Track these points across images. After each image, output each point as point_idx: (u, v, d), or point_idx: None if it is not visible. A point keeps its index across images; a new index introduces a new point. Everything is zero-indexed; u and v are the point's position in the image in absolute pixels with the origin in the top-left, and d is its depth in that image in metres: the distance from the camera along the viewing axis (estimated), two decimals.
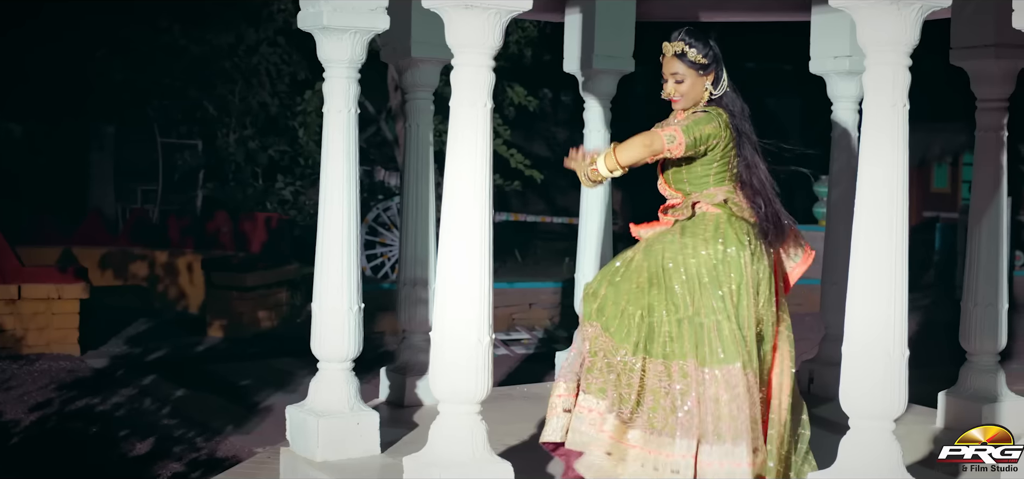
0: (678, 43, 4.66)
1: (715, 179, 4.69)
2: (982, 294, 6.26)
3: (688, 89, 4.67)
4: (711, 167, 4.67)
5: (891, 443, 4.49)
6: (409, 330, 6.81)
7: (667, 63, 4.69)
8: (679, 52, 4.66)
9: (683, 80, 4.67)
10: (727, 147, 4.66)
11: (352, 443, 5.52)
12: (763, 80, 19.51)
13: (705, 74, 4.67)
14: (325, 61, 5.51)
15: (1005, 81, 6.20)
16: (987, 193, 6.27)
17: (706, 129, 4.59)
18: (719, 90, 4.70)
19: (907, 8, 4.38)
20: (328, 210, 5.54)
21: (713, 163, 4.67)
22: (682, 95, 4.69)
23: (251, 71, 15.81)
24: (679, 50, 4.65)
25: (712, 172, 4.68)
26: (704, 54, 4.65)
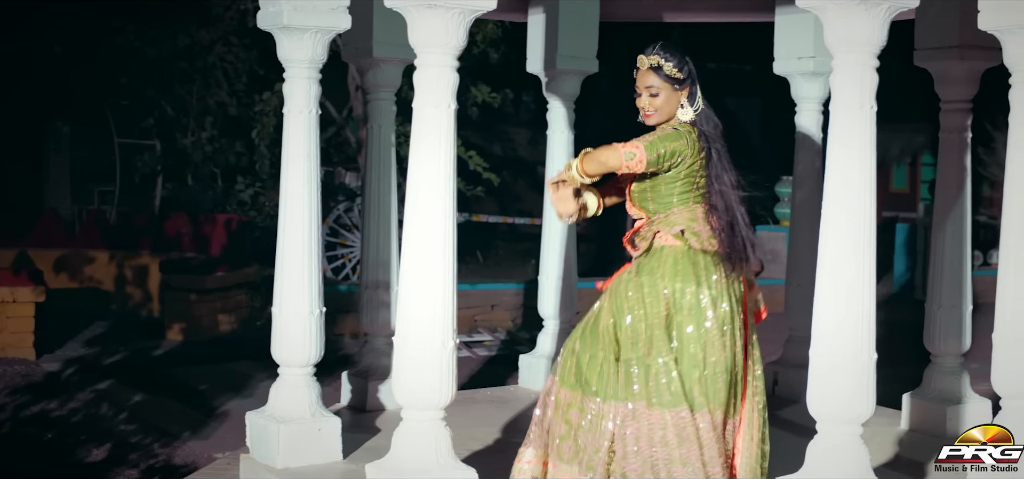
0: (654, 56, 4.57)
1: (680, 198, 4.56)
2: (946, 296, 6.25)
3: (662, 103, 4.58)
4: (676, 186, 4.55)
5: (859, 447, 4.46)
6: (371, 333, 6.73)
7: (642, 76, 4.59)
8: (655, 65, 4.56)
9: (658, 94, 4.57)
10: (694, 166, 4.53)
11: (313, 449, 5.44)
12: (723, 80, 19.54)
13: (680, 89, 4.58)
14: (285, 61, 5.42)
15: (969, 82, 6.19)
16: (951, 194, 6.26)
17: (670, 146, 4.49)
18: (694, 106, 4.62)
19: (875, 9, 4.35)
20: (289, 212, 5.45)
21: (677, 181, 4.54)
22: (656, 109, 4.59)
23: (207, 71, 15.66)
24: (655, 63, 4.56)
25: (676, 191, 4.55)
26: (679, 68, 4.56)
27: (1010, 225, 4.93)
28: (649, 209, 4.62)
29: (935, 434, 6.16)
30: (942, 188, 6.30)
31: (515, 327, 12.59)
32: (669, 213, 4.58)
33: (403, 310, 4.64)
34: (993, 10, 4.89)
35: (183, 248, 13.85)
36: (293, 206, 5.44)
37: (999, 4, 4.85)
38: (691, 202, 4.56)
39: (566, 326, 7.37)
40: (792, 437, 5.50)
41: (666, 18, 7.63)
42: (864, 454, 4.47)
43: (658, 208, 4.59)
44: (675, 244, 4.55)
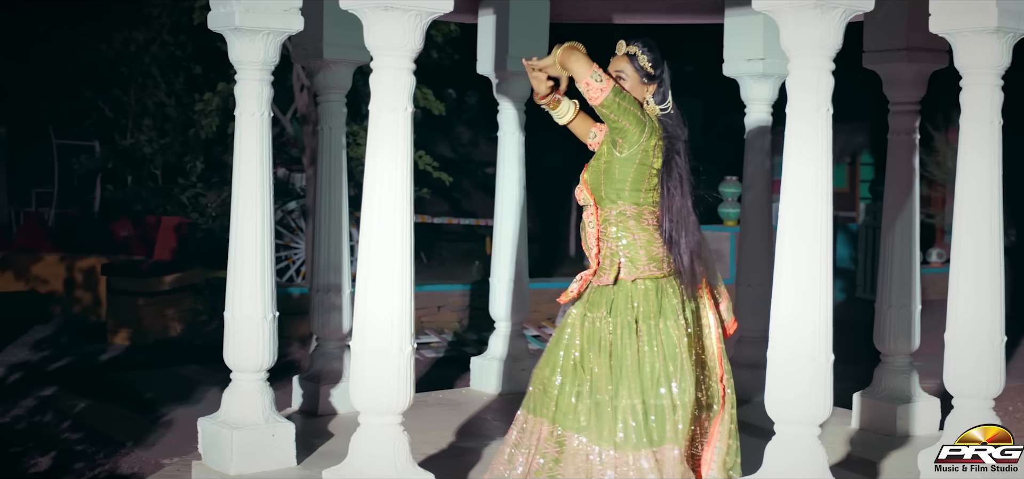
0: (633, 46, 4.61)
1: (631, 192, 4.55)
2: (896, 296, 6.31)
3: (629, 90, 4.58)
4: (629, 173, 4.54)
5: (817, 448, 4.49)
6: (322, 337, 6.68)
7: (616, 60, 4.63)
8: (631, 53, 4.60)
9: (625, 79, 4.59)
10: (648, 153, 4.54)
11: (267, 455, 5.38)
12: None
13: (648, 83, 4.60)
14: (237, 63, 5.36)
15: (917, 84, 6.26)
16: (900, 195, 6.32)
17: (632, 110, 4.45)
18: (661, 106, 4.62)
19: (830, 12, 4.38)
20: (241, 215, 5.39)
21: (631, 167, 4.53)
22: None
23: (145, 72, 15.47)
24: (631, 52, 4.60)
25: (629, 181, 4.54)
26: (653, 65, 4.59)
27: (962, 226, 4.97)
28: (600, 194, 4.60)
29: (885, 433, 6.23)
30: (891, 189, 6.36)
31: (462, 328, 12.55)
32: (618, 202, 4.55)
33: (360, 314, 4.60)
34: (944, 13, 4.94)
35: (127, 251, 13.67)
36: (246, 209, 5.38)
37: (950, 8, 4.90)
38: (642, 201, 4.56)
39: (517, 328, 7.36)
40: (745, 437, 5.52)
41: (616, 19, 7.65)
42: (822, 455, 4.49)
43: (609, 194, 4.56)
44: (639, 278, 4.53)
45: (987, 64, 4.88)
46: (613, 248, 4.57)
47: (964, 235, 4.97)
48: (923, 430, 6.23)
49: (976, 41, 4.85)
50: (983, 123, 4.92)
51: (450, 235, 18.90)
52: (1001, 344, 4.99)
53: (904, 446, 6.04)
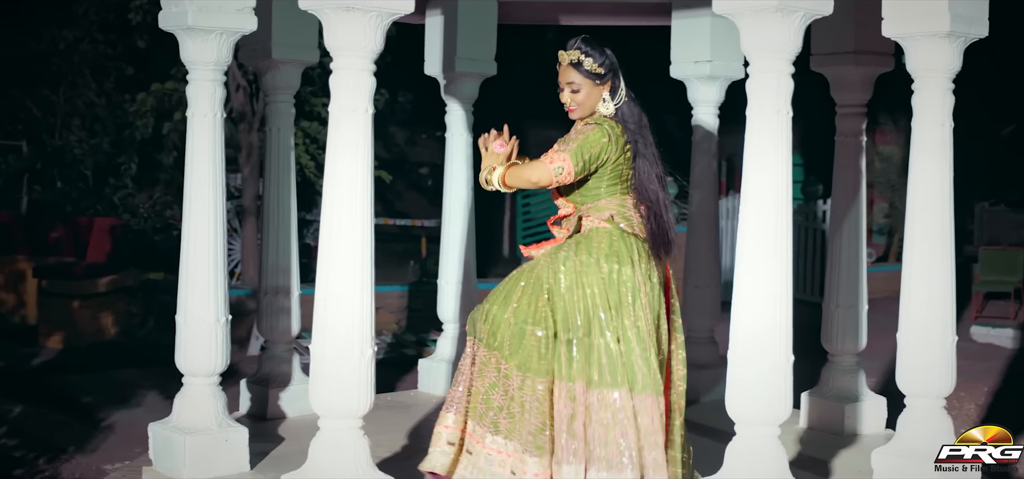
0: (574, 52, 4.59)
1: (607, 190, 4.61)
2: (843, 296, 6.37)
3: (584, 98, 4.60)
4: (603, 179, 4.59)
5: (777, 448, 4.53)
6: (271, 340, 6.60)
7: (563, 72, 4.62)
8: (575, 61, 4.58)
9: (579, 89, 4.59)
10: (619, 160, 4.58)
11: (221, 460, 5.31)
12: None
13: (601, 83, 4.61)
14: (189, 63, 5.29)
15: (864, 87, 6.33)
16: (846, 197, 6.39)
17: (594, 150, 4.51)
18: (617, 100, 4.64)
19: (791, 16, 4.42)
20: (194, 218, 5.32)
21: (604, 176, 4.59)
22: (579, 104, 4.62)
23: (75, 70, 15.21)
24: (575, 59, 4.58)
25: (604, 183, 4.60)
26: (600, 63, 4.59)
27: (914, 228, 5.04)
28: (577, 201, 4.66)
29: (834, 432, 6.29)
30: (838, 190, 6.43)
31: (400, 330, 12.50)
32: (598, 202, 4.61)
33: (320, 318, 4.56)
34: (897, 18, 5.00)
35: (59, 252, 13.44)
36: (199, 211, 5.31)
37: (903, 12, 4.97)
38: (619, 193, 4.61)
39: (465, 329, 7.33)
40: (697, 437, 5.57)
41: (563, 21, 7.66)
42: (782, 455, 4.54)
43: (585, 199, 4.63)
44: (607, 227, 4.57)
45: (939, 67, 4.95)
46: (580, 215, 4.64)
47: (917, 237, 5.04)
48: (871, 429, 6.30)
49: (928, 45, 4.93)
50: (935, 126, 4.99)
51: (385, 236, 18.81)
52: (952, 344, 5.06)
53: (853, 445, 6.10)
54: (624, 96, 4.65)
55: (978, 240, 16.45)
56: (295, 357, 6.61)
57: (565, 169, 4.48)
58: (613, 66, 4.62)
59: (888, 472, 5.05)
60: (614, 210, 4.61)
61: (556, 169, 4.49)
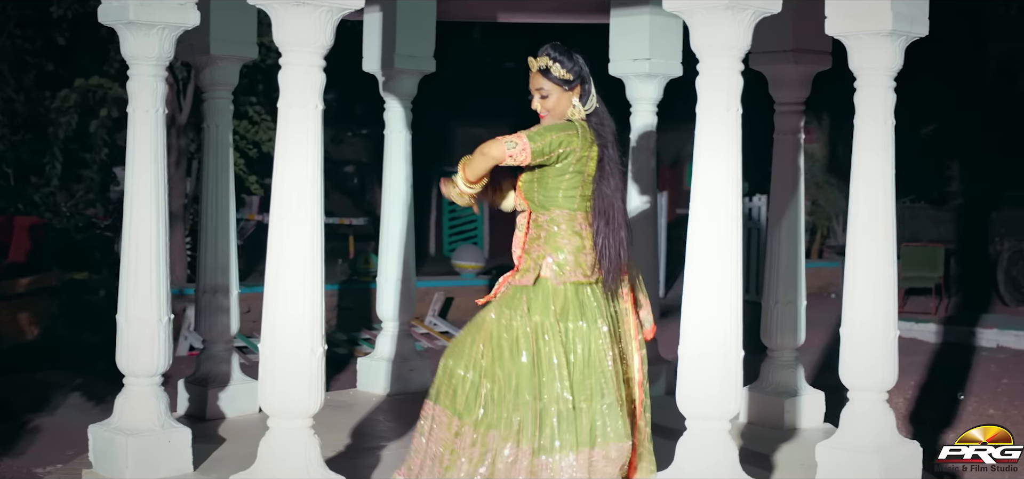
0: (543, 59, 4.56)
1: (565, 196, 4.55)
2: (782, 292, 6.44)
3: (553, 105, 4.57)
4: (563, 180, 4.53)
5: (728, 442, 4.56)
6: (209, 340, 6.52)
7: (533, 78, 4.58)
8: (544, 68, 4.55)
9: (548, 96, 4.56)
10: (583, 162, 4.53)
11: (164, 462, 5.23)
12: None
13: (570, 89, 4.58)
14: (130, 58, 5.20)
15: (802, 85, 6.40)
16: (785, 194, 6.46)
17: (557, 135, 4.47)
18: (587, 106, 4.62)
19: (741, 14, 4.45)
20: (135, 216, 5.22)
21: (565, 175, 4.53)
22: (548, 110, 4.58)
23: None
24: (544, 66, 4.55)
25: (563, 187, 4.54)
26: (569, 69, 4.56)
27: (856, 224, 5.11)
28: (534, 200, 4.60)
29: (774, 426, 6.35)
30: (777, 187, 6.49)
31: (331, 329, 12.42)
32: (551, 210, 4.55)
33: (269, 317, 4.50)
34: (840, 16, 5.06)
35: None
36: (140, 209, 5.22)
37: (846, 10, 5.03)
38: (576, 207, 4.55)
39: (405, 328, 7.31)
40: None
41: (501, 18, 7.65)
42: (733, 449, 4.57)
43: (543, 201, 4.57)
44: (561, 280, 4.52)
45: (881, 65, 5.01)
46: (540, 252, 4.56)
47: (859, 233, 5.10)
48: (810, 423, 6.38)
49: (871, 43, 4.98)
50: (878, 123, 5.05)
51: None
52: (894, 339, 5.13)
53: (793, 439, 6.17)
54: (595, 104, 4.63)
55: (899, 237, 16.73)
56: (234, 357, 6.54)
57: (520, 146, 4.41)
58: (582, 73, 4.60)
59: (832, 465, 5.10)
60: (571, 252, 4.53)
61: (509, 143, 4.42)
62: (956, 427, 8.37)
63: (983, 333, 12.17)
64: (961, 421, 8.56)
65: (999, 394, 9.57)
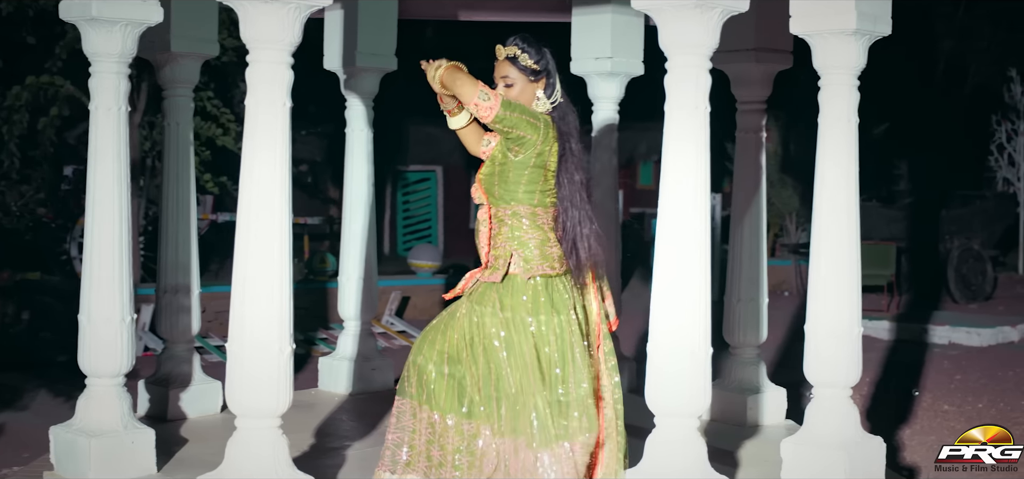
0: (511, 47, 4.54)
1: (526, 192, 4.50)
2: (744, 290, 6.48)
3: (518, 94, 4.53)
4: (524, 174, 4.49)
5: (697, 440, 4.58)
6: (170, 340, 6.47)
7: (499, 66, 4.55)
8: (511, 56, 4.53)
9: (513, 84, 4.53)
10: (543, 157, 4.49)
11: (127, 463, 5.19)
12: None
13: (536, 81, 4.55)
14: (92, 55, 5.15)
15: (764, 83, 6.45)
16: (748, 192, 6.49)
17: (521, 116, 4.39)
18: (552, 100, 4.60)
19: (709, 13, 4.47)
20: (98, 215, 5.17)
21: (526, 169, 4.48)
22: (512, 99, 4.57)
23: None
24: (511, 54, 4.52)
25: (524, 181, 4.49)
26: (536, 60, 4.53)
27: (820, 223, 5.14)
28: (495, 193, 4.54)
29: (736, 423, 6.39)
30: (739, 186, 6.53)
31: None
32: (512, 204, 4.52)
33: (237, 316, 4.47)
34: (804, 15, 5.09)
35: None
36: (103, 208, 5.17)
37: (810, 10, 5.06)
38: (536, 202, 4.52)
39: (367, 327, 7.28)
40: None
41: (462, 16, 7.64)
42: (702, 446, 4.59)
43: (503, 195, 4.50)
44: (530, 275, 4.51)
45: (845, 65, 5.05)
46: (505, 247, 4.54)
47: (823, 232, 5.13)
48: (772, 419, 6.43)
49: (835, 42, 5.02)
50: (841, 122, 5.09)
51: None
52: (858, 335, 5.18)
53: (757, 436, 6.22)
54: (559, 98, 4.61)
55: None
56: (195, 357, 6.49)
57: (491, 102, 4.34)
58: (549, 65, 4.57)
59: (797, 461, 5.13)
60: (537, 246, 4.51)
61: (483, 93, 4.35)
62: (912, 423, 8.46)
63: (935, 330, 12.31)
64: (916, 417, 8.64)
65: (953, 390, 9.68)
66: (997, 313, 13.90)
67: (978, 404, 9.12)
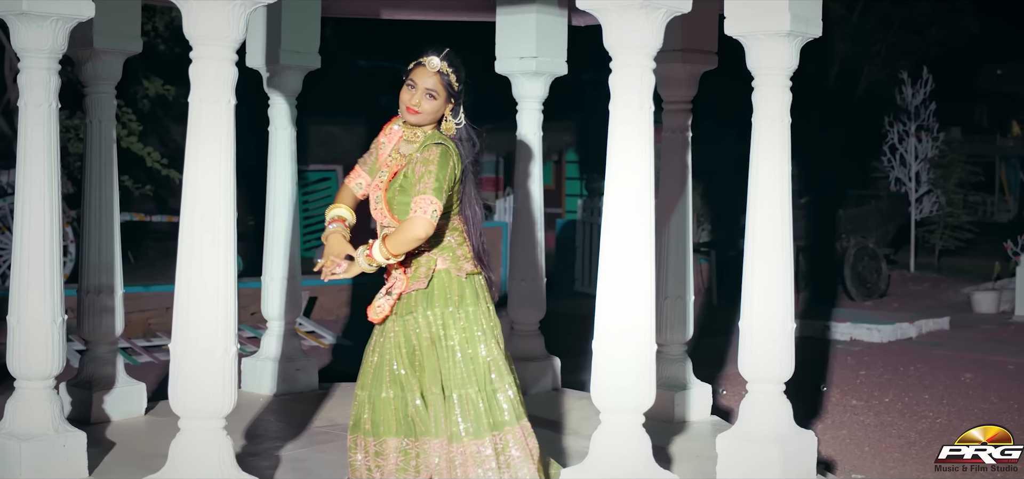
0: (444, 62, 4.45)
1: None
2: (672, 287, 6.56)
3: (435, 109, 4.45)
4: None
5: (642, 435, 4.63)
6: (93, 341, 6.34)
7: (425, 75, 4.45)
8: (444, 71, 4.46)
9: (436, 97, 4.48)
10: (453, 183, 4.47)
11: (58, 467, 5.08)
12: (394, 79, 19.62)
13: (451, 101, 4.51)
14: (22, 51, 5.03)
15: (690, 84, 6.53)
16: (674, 191, 6.58)
17: (450, 178, 4.39)
18: (457, 121, 4.57)
19: (653, 13, 4.53)
20: (27, 214, 5.06)
21: None
22: (426, 111, 4.46)
23: None
24: (444, 69, 4.45)
25: None
26: (460, 82, 4.50)
27: (755, 220, 5.22)
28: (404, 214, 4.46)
29: (664, 419, 6.45)
30: (666, 185, 6.61)
31: None
32: None
33: (181, 316, 4.41)
34: (739, 17, 5.17)
35: None
36: (32, 206, 5.06)
37: (745, 11, 5.14)
38: (450, 213, 4.51)
39: (290, 327, 7.21)
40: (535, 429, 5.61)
41: (384, 15, 7.61)
42: (646, 442, 4.64)
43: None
44: (453, 273, 4.51)
45: (778, 66, 5.14)
46: (429, 256, 4.50)
47: (757, 230, 5.22)
48: (698, 415, 6.52)
49: (769, 43, 5.11)
50: (775, 122, 5.18)
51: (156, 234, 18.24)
52: (792, 331, 5.28)
53: (685, 431, 6.30)
54: (463, 120, 4.56)
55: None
56: (119, 359, 6.37)
57: (437, 209, 4.33)
58: (464, 90, 4.58)
59: (733, 455, 5.21)
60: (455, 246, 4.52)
61: (433, 214, 4.32)
62: (823, 418, 8.63)
63: (837, 327, 12.57)
64: (827, 412, 8.81)
65: (859, 385, 9.89)
66: (892, 309, 14.25)
67: (884, 398, 9.33)
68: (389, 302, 4.51)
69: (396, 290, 4.50)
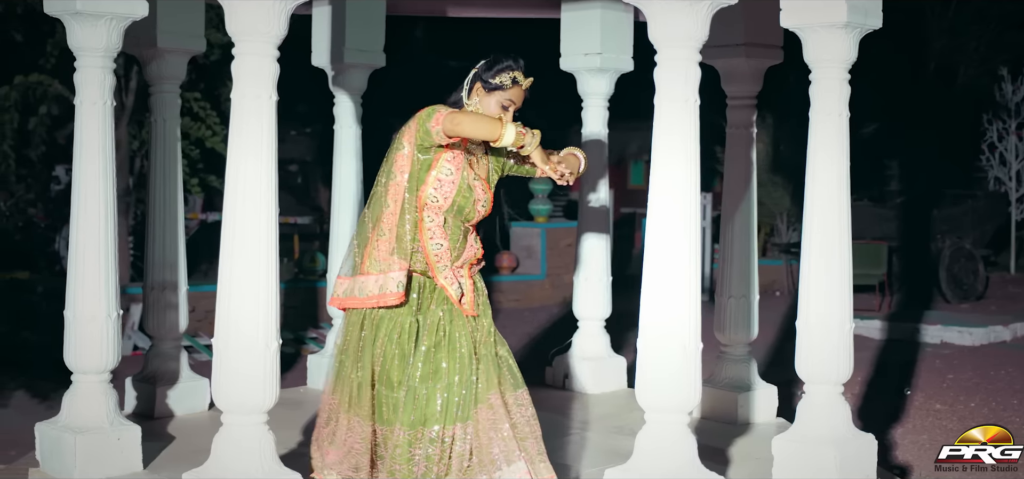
0: (530, 80, 4.55)
1: None
2: (736, 287, 6.44)
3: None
4: None
5: (688, 435, 4.54)
6: (157, 337, 6.42)
7: (520, 93, 4.52)
8: (528, 89, 4.56)
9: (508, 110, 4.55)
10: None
11: (113, 460, 5.15)
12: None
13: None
14: (77, 50, 5.11)
15: (754, 79, 6.41)
16: (739, 188, 6.46)
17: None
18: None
19: (699, 5, 4.44)
20: (83, 211, 5.14)
21: None
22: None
23: None
24: (529, 88, 4.56)
25: None
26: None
27: (812, 219, 5.10)
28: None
29: (727, 421, 6.36)
30: (730, 182, 6.50)
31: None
32: None
33: (223, 312, 4.44)
34: (795, 9, 5.06)
35: None
36: (88, 204, 5.13)
37: (801, 4, 5.03)
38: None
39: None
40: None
41: (450, 13, 7.60)
42: (692, 442, 4.56)
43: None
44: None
45: (836, 58, 5.02)
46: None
47: (815, 227, 5.10)
48: (763, 417, 6.40)
49: (826, 36, 4.99)
50: (832, 116, 5.06)
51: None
52: (850, 332, 5.14)
53: (748, 433, 6.19)
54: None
55: None
56: (182, 354, 6.45)
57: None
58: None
59: (789, 458, 5.10)
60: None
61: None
62: (904, 422, 8.43)
63: (927, 329, 12.27)
64: (909, 416, 8.61)
65: (945, 389, 9.65)
66: (989, 313, 13.87)
67: (970, 403, 9.09)
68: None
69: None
